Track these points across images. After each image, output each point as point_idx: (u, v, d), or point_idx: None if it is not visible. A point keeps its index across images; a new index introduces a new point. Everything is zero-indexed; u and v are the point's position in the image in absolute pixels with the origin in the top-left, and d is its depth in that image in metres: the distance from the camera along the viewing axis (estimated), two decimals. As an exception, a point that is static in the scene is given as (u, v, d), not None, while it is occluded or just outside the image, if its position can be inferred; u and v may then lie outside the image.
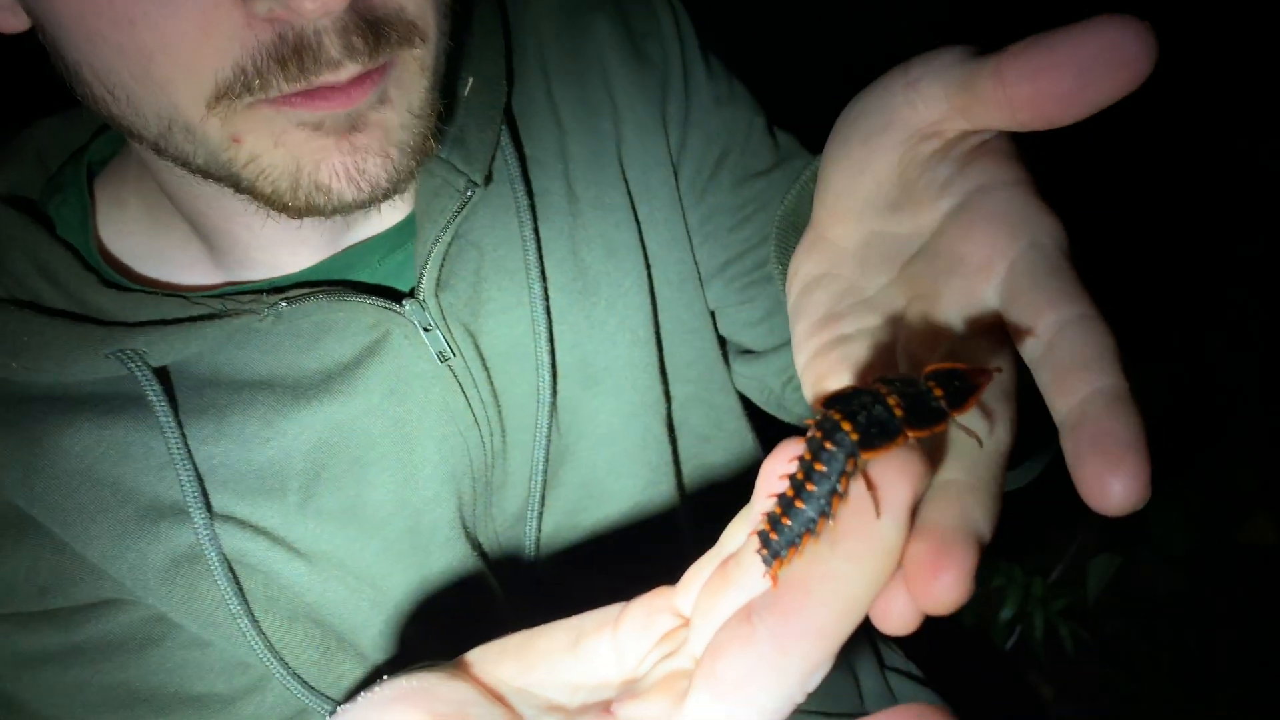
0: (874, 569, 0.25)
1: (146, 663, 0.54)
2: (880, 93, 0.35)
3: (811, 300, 0.37)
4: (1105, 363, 0.27)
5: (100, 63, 0.45)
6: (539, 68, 0.62)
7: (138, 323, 0.52)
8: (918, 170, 0.35)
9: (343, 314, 0.55)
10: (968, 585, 0.25)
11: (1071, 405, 0.26)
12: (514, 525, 0.60)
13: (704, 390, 0.66)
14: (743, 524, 0.31)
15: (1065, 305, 0.28)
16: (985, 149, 0.34)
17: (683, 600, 0.32)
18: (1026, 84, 0.30)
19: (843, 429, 0.27)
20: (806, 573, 0.26)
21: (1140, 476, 0.24)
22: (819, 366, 0.35)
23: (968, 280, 0.32)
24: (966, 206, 0.33)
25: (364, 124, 0.47)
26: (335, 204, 0.48)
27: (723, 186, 0.65)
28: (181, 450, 0.52)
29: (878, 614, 0.27)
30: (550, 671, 0.33)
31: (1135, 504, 0.25)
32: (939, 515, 0.26)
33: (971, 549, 0.25)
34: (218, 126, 0.45)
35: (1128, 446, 0.25)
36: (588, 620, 0.33)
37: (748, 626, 0.27)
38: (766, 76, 0.70)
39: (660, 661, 0.31)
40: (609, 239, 0.61)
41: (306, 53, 0.43)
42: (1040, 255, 0.30)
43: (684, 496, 0.66)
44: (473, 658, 0.34)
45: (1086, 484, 0.25)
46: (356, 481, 0.55)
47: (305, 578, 0.54)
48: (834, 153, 0.37)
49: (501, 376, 0.58)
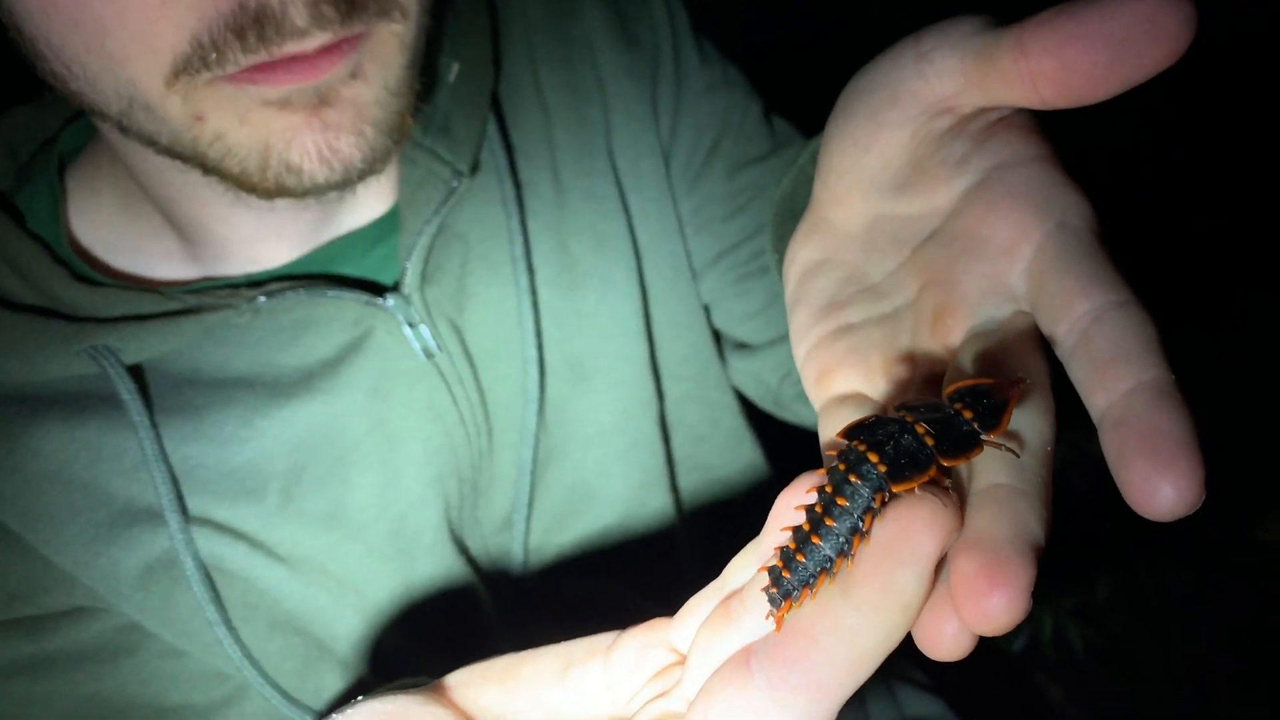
0: (887, 624, 0.23)
1: (120, 673, 0.52)
2: (889, 65, 0.33)
3: (812, 288, 0.35)
4: (1148, 354, 0.25)
5: (56, 36, 0.43)
6: (525, 52, 0.60)
7: (110, 319, 0.50)
8: (930, 147, 0.33)
9: (323, 309, 0.53)
10: (1026, 602, 0.23)
11: (1112, 401, 0.24)
12: (502, 529, 0.58)
13: (699, 388, 0.64)
14: (751, 557, 0.29)
15: (1100, 291, 0.26)
16: (1004, 124, 0.32)
17: (679, 635, 0.30)
18: (1051, 57, 0.27)
19: (869, 460, 0.25)
20: (814, 620, 0.24)
21: (1194, 478, 0.22)
22: (821, 359, 0.33)
23: (990, 264, 0.30)
24: (987, 185, 0.31)
25: (335, 98, 0.45)
26: (306, 185, 0.46)
27: (715, 175, 0.63)
28: (156, 451, 0.50)
29: (926, 640, 0.24)
30: (535, 701, 0.31)
31: (1188, 508, 0.22)
32: (989, 525, 0.24)
33: (1030, 560, 0.23)
34: (179, 104, 0.44)
35: (1178, 445, 0.23)
36: (578, 647, 0.31)
37: (745, 672, 0.25)
38: (764, 62, 0.68)
39: (651, 701, 0.29)
40: (598, 230, 0.59)
41: (268, 22, 0.41)
42: (1071, 237, 0.28)
43: (679, 499, 0.64)
44: (454, 681, 0.32)
45: (1134, 487, 0.23)
46: (339, 483, 0.53)
47: (285, 584, 0.52)
48: (837, 130, 0.35)
49: (488, 374, 0.56)
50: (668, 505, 0.63)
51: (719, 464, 0.66)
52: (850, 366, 0.32)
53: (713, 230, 0.63)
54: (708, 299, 0.65)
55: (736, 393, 0.67)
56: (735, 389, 0.67)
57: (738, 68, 0.65)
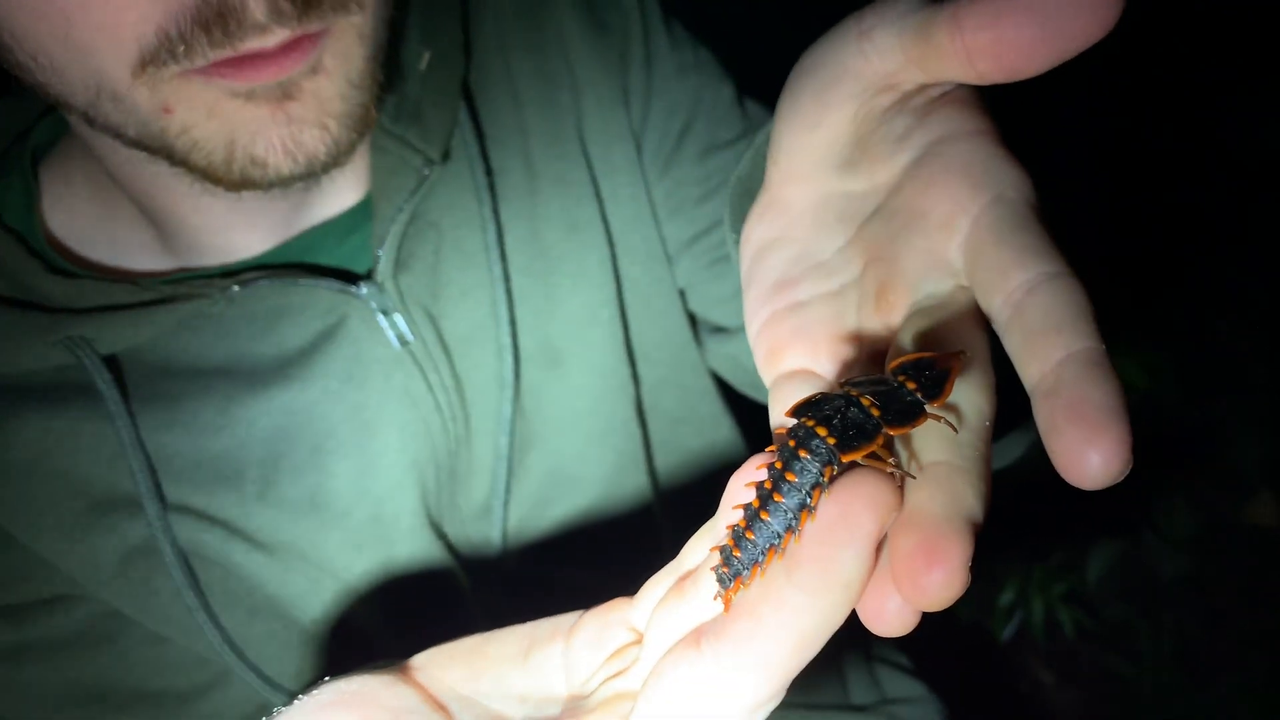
0: (830, 604, 0.24)
1: (102, 659, 0.52)
2: (833, 44, 0.33)
3: (764, 266, 0.35)
4: (1079, 324, 0.25)
5: (19, 26, 0.43)
6: (496, 40, 0.60)
7: (85, 309, 0.51)
8: (873, 124, 0.33)
9: (297, 298, 0.53)
10: (964, 578, 0.23)
11: (1044, 371, 0.25)
12: (481, 515, 0.59)
13: (675, 372, 0.65)
14: (706, 537, 0.30)
15: (1034, 263, 0.26)
16: (945, 100, 0.32)
17: (638, 615, 0.30)
18: (985, 32, 0.28)
19: (818, 435, 0.26)
20: (760, 600, 0.25)
21: (1121, 447, 0.22)
22: (771, 337, 0.34)
23: (928, 239, 0.30)
24: (926, 160, 0.31)
25: (298, 92, 0.45)
26: (271, 177, 0.47)
27: (686, 158, 0.63)
28: (133, 440, 0.50)
29: (869, 616, 0.25)
30: (498, 681, 0.31)
31: (1115, 477, 0.23)
32: (927, 502, 0.24)
33: (966, 537, 0.24)
34: (147, 95, 0.44)
35: (1107, 415, 0.23)
36: (541, 628, 0.32)
37: (694, 652, 0.25)
38: (737, 45, 0.68)
39: (609, 680, 0.29)
40: (570, 216, 0.60)
41: (230, 16, 0.41)
42: (1006, 210, 0.28)
43: (657, 483, 0.64)
44: (421, 661, 0.33)
45: (1062, 456, 0.23)
46: (316, 470, 0.54)
47: (264, 570, 0.53)
48: (786, 109, 0.35)
49: (463, 361, 0.57)
50: (645, 489, 0.63)
51: (696, 447, 0.66)
52: (798, 344, 0.33)
53: (686, 214, 0.64)
54: (683, 283, 0.65)
55: (714, 376, 0.68)
56: (712, 372, 0.68)
57: (709, 51, 0.65)
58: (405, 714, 0.30)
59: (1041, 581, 1.37)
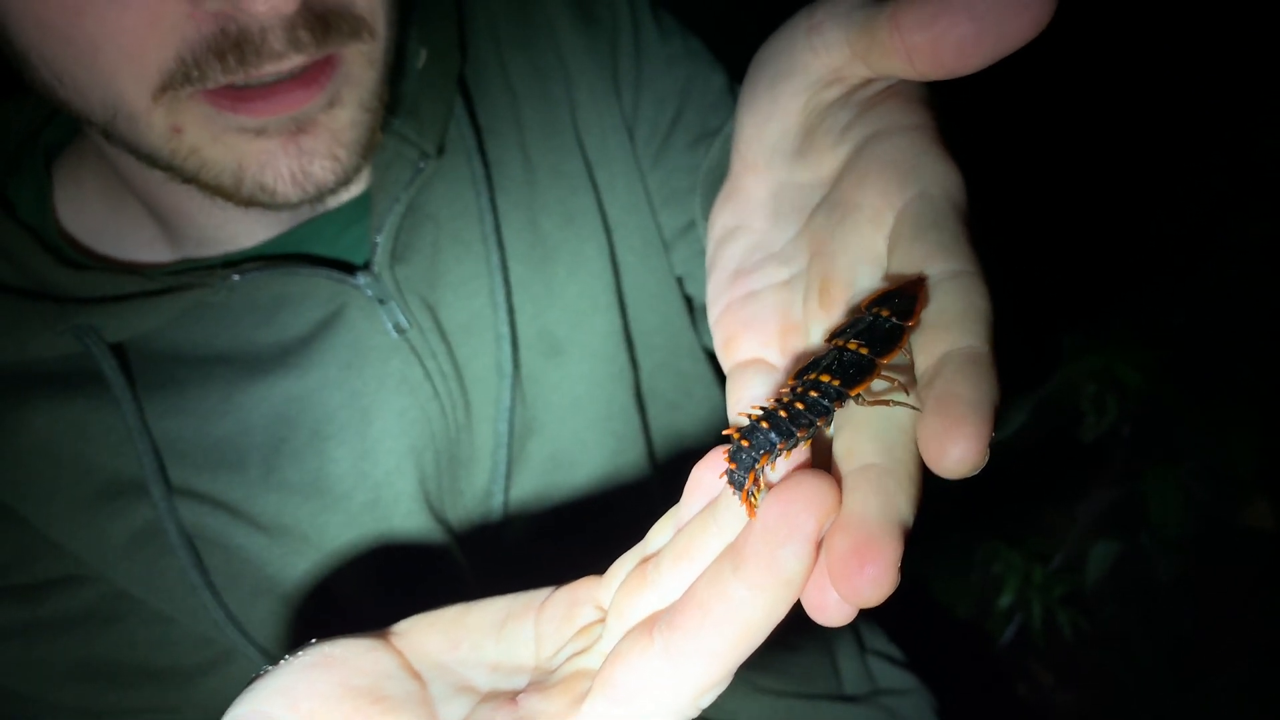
0: (772, 599, 0.25)
1: (109, 638, 0.54)
2: (785, 37, 0.34)
3: (724, 254, 0.36)
4: (968, 323, 0.26)
5: (48, 51, 0.46)
6: (490, 36, 0.62)
7: (93, 299, 0.52)
8: (819, 116, 0.34)
9: (297, 287, 0.55)
10: (894, 578, 0.24)
11: (928, 364, 0.26)
12: (482, 499, 0.60)
13: (672, 357, 0.66)
14: (669, 523, 0.31)
15: (941, 260, 0.28)
16: (888, 94, 0.33)
17: (605, 593, 0.32)
18: (921, 31, 0.28)
19: (822, 381, 0.28)
20: (708, 592, 0.26)
21: (977, 441, 0.24)
22: (727, 325, 0.35)
23: (861, 234, 0.31)
24: (861, 153, 0.32)
25: (312, 126, 0.48)
26: (279, 202, 0.49)
27: (678, 148, 0.64)
28: (139, 425, 0.52)
29: (813, 608, 0.26)
30: (474, 650, 0.33)
31: (970, 469, 0.24)
32: (861, 505, 0.25)
33: (896, 540, 0.25)
34: (162, 116, 0.46)
35: (970, 409, 0.24)
36: (518, 601, 0.33)
37: (647, 639, 0.27)
38: (729, 34, 0.69)
39: (573, 657, 0.31)
40: (567, 206, 0.61)
41: (248, 46, 0.44)
42: (927, 206, 0.29)
43: (655, 466, 0.65)
44: (404, 627, 0.34)
45: (924, 443, 0.24)
46: (317, 455, 0.55)
47: (267, 551, 0.54)
48: (744, 100, 0.36)
49: (463, 349, 0.58)
50: (644, 472, 0.64)
51: (694, 432, 0.67)
52: (752, 334, 0.34)
53: (680, 202, 0.65)
54: (680, 270, 0.66)
55: (710, 360, 0.69)
56: (709, 356, 0.69)
57: (700, 41, 0.66)
58: (382, 679, 0.32)
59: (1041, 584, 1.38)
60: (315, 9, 0.45)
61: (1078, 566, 1.39)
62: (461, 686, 0.32)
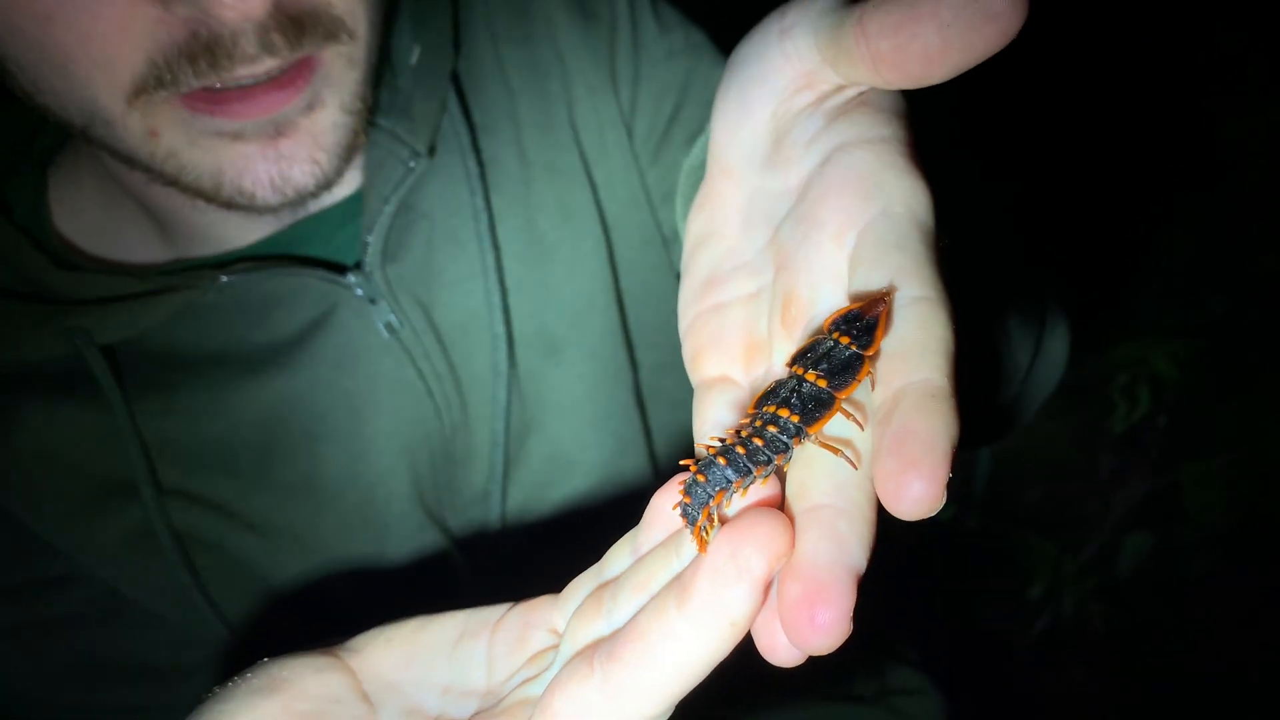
0: (715, 638, 0.24)
1: (103, 636, 0.54)
2: (757, 41, 0.33)
3: (697, 260, 0.35)
4: (927, 354, 0.25)
5: (22, 57, 0.46)
6: (487, 32, 0.61)
7: (85, 301, 0.52)
8: (789, 123, 0.33)
9: (288, 287, 0.54)
10: (845, 627, 0.23)
11: (885, 397, 0.25)
12: (480, 500, 0.60)
13: (675, 355, 0.64)
14: (627, 547, 0.31)
15: (903, 285, 0.27)
16: (857, 102, 0.32)
17: (561, 617, 0.31)
18: (887, 39, 0.27)
19: (780, 415, 0.27)
20: (650, 626, 0.25)
21: (933, 484, 0.23)
22: (695, 339, 0.34)
23: (823, 252, 0.30)
24: (827, 166, 0.30)
25: (291, 129, 0.47)
26: (259, 206, 0.49)
27: (677, 143, 0.63)
28: (129, 427, 0.52)
29: (765, 649, 0.25)
30: (427, 669, 0.32)
31: (927, 511, 0.23)
32: (812, 550, 0.24)
33: (848, 587, 0.24)
34: (138, 120, 0.46)
35: (927, 449, 0.23)
36: (475, 617, 0.33)
37: (587, 669, 0.26)
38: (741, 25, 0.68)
39: (522, 685, 0.30)
40: (564, 203, 0.60)
41: (219, 49, 0.43)
42: (890, 227, 0.28)
43: (657, 467, 0.64)
44: (361, 643, 0.33)
45: (880, 484, 0.23)
46: (308, 455, 0.55)
47: (259, 551, 0.54)
48: (719, 102, 0.35)
49: (458, 349, 0.58)
50: (646, 472, 0.63)
51: None
52: (717, 351, 0.33)
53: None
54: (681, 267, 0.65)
55: None
56: None
57: (704, 33, 0.64)
58: (329, 703, 0.31)
59: (1073, 575, 1.36)
60: (289, 11, 0.45)
61: (1110, 557, 1.37)
62: (410, 711, 0.32)
